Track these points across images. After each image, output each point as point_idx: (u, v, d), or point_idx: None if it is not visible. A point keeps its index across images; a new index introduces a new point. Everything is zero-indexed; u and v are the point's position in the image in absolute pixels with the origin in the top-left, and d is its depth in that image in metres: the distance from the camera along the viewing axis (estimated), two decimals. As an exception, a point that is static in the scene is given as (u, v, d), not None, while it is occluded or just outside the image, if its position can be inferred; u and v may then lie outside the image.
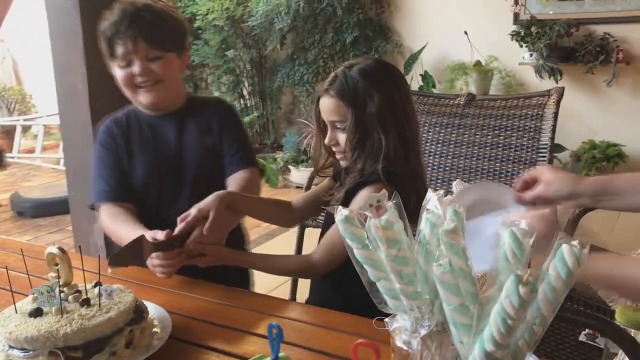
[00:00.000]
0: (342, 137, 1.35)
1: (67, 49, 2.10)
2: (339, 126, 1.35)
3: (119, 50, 1.47)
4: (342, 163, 1.42)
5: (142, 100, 1.54)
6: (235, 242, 1.65)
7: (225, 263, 1.35)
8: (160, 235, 1.28)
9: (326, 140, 1.39)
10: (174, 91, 1.58)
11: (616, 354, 1.29)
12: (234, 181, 1.56)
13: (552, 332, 1.63)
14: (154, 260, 1.30)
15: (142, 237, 1.26)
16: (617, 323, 1.16)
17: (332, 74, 1.37)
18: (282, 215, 1.58)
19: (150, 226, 1.48)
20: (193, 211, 1.31)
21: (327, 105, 1.35)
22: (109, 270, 1.13)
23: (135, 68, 1.48)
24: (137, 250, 1.24)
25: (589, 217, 2.05)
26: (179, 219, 1.32)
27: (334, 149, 1.40)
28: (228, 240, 1.39)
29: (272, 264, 1.41)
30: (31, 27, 6.32)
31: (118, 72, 1.52)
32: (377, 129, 1.31)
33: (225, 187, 1.54)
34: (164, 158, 1.59)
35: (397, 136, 1.33)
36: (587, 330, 1.59)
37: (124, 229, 1.46)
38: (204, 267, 1.33)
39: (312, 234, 1.64)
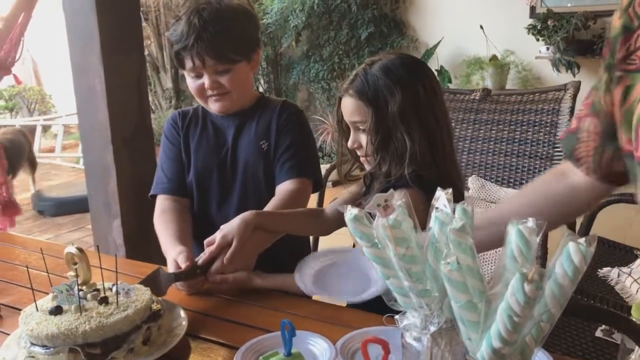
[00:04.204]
0: (364, 139, 1.29)
1: (84, 49, 2.13)
2: (360, 127, 1.29)
3: (188, 64, 1.46)
4: (367, 167, 1.35)
5: (212, 108, 1.53)
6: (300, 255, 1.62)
7: (253, 288, 1.27)
8: (182, 264, 1.25)
9: (349, 143, 1.32)
10: (243, 96, 1.56)
11: (633, 350, 1.28)
12: (279, 193, 1.50)
13: (568, 328, 1.62)
14: (177, 285, 1.26)
15: (159, 270, 1.23)
16: (634, 319, 1.16)
17: (353, 73, 1.30)
18: (316, 225, 1.48)
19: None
20: (218, 238, 1.27)
21: (348, 105, 1.29)
22: None
23: (205, 81, 1.47)
24: (153, 284, 1.17)
25: (608, 211, 2.03)
26: (205, 242, 1.29)
27: (357, 152, 1.33)
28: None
29: None
30: (50, 27, 6.40)
31: (189, 81, 1.51)
32: (400, 129, 1.23)
33: (274, 193, 1.50)
34: (216, 157, 1.56)
35: (423, 137, 1.24)
36: (603, 326, 1.58)
37: (163, 233, 1.44)
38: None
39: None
